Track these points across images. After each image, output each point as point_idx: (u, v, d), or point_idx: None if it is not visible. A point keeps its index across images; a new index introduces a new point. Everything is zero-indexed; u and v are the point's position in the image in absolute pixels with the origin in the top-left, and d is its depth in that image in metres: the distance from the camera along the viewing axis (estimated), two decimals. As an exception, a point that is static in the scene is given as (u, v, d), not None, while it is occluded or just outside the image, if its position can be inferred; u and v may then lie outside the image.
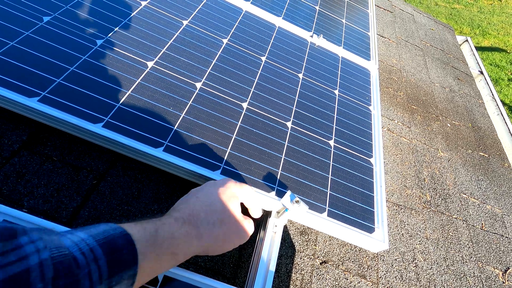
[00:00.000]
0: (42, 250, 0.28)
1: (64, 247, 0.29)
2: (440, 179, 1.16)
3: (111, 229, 0.34)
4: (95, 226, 0.35)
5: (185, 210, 0.44)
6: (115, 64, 0.72)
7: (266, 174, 0.67)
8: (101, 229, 0.34)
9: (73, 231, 0.33)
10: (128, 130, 0.62)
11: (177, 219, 0.41)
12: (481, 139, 1.46)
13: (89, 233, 0.33)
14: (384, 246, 0.66)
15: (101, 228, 0.34)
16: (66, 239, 0.31)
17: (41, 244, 0.28)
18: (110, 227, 0.34)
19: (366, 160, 0.82)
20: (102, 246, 0.32)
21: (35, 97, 0.59)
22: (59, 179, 0.68)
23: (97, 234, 0.33)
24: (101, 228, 0.34)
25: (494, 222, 1.12)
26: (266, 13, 1.12)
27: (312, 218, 0.64)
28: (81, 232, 0.33)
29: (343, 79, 1.03)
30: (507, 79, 5.18)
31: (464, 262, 0.95)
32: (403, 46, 1.78)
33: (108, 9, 0.84)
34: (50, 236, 0.30)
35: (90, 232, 0.33)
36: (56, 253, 0.28)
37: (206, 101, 0.75)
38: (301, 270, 0.74)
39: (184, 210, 0.44)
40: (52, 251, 0.28)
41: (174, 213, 0.43)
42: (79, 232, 0.33)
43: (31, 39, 0.68)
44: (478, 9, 7.21)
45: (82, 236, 0.32)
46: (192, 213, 0.43)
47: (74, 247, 0.30)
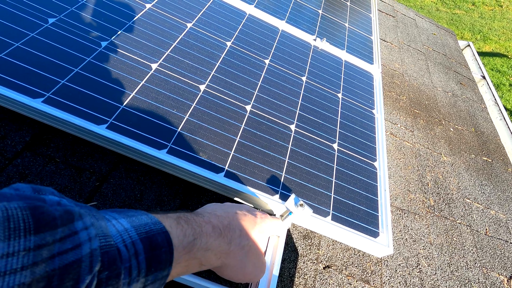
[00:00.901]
0: (93, 238, 0.27)
1: (110, 236, 0.29)
2: (443, 183, 1.16)
3: (152, 223, 0.33)
4: (136, 214, 0.34)
5: (223, 220, 0.42)
6: (119, 65, 0.72)
7: (269, 177, 0.66)
8: (143, 221, 0.33)
9: (116, 216, 0.32)
10: (132, 132, 0.62)
11: (215, 228, 0.40)
12: (484, 144, 1.45)
13: (132, 223, 0.32)
14: (389, 251, 0.65)
15: (143, 219, 0.33)
16: (111, 226, 0.30)
17: (93, 232, 0.27)
18: (151, 221, 0.34)
19: (370, 164, 0.81)
20: (143, 241, 0.31)
21: (39, 98, 0.59)
22: (61, 181, 0.68)
23: (139, 226, 0.32)
24: (143, 220, 0.33)
25: (498, 227, 1.11)
26: (270, 17, 1.12)
27: (316, 222, 0.63)
28: (124, 220, 0.32)
29: (346, 82, 1.03)
30: (508, 84, 5.18)
31: (468, 268, 0.94)
32: (406, 51, 1.79)
33: (112, 11, 0.84)
34: (99, 221, 0.29)
35: (133, 222, 0.32)
36: (104, 242, 0.28)
37: (210, 104, 0.75)
38: (304, 275, 0.73)
39: (222, 218, 0.42)
40: (101, 240, 0.27)
41: (213, 219, 0.41)
42: (122, 219, 0.32)
43: (36, 40, 0.68)
44: (479, 15, 7.24)
45: (125, 226, 0.31)
46: (228, 226, 0.42)
47: (118, 237, 0.30)
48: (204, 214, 0.41)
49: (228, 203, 0.49)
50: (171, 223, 0.35)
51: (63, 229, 0.25)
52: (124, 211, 0.34)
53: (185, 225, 0.37)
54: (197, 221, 0.39)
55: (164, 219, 0.35)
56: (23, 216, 0.23)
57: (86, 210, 0.28)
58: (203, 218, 0.40)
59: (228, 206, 0.47)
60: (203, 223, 0.39)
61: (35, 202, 0.25)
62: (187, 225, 0.37)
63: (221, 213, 0.44)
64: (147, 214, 0.35)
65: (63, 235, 0.25)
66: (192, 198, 0.75)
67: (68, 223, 0.26)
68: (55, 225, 0.24)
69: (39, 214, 0.24)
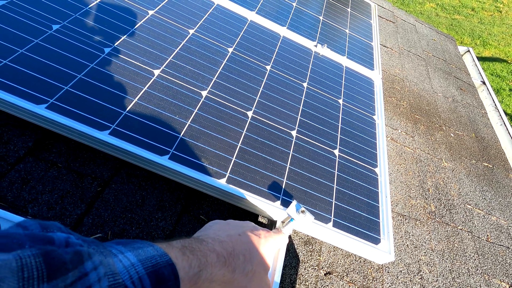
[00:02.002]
0: (102, 278, 0.27)
1: (118, 273, 0.29)
2: (444, 189, 1.16)
3: (158, 255, 0.34)
4: (142, 246, 0.34)
5: (227, 246, 0.42)
6: (122, 72, 0.73)
7: (271, 183, 0.67)
8: (149, 254, 0.33)
9: (122, 250, 0.32)
10: (134, 138, 0.62)
11: (219, 257, 0.40)
12: (485, 149, 1.45)
13: (138, 257, 0.32)
14: (390, 258, 0.65)
15: (149, 252, 0.33)
16: (118, 262, 0.31)
17: (101, 271, 0.28)
18: (157, 253, 0.34)
19: (371, 170, 0.81)
20: (150, 276, 0.31)
21: (43, 104, 0.59)
22: (63, 186, 0.68)
23: (145, 259, 0.32)
24: (149, 253, 0.33)
25: (499, 233, 1.11)
26: (271, 23, 1.13)
27: (318, 228, 0.64)
28: (131, 254, 0.32)
29: (347, 88, 1.04)
30: (508, 89, 5.19)
31: (470, 275, 0.93)
32: (406, 56, 1.80)
33: (115, 18, 0.85)
34: (107, 258, 0.29)
35: (139, 256, 0.32)
36: (112, 281, 0.28)
37: (212, 109, 0.75)
38: (305, 281, 0.73)
39: (226, 244, 0.42)
40: (109, 279, 0.28)
41: (217, 246, 0.41)
42: (128, 253, 0.32)
43: (40, 46, 0.68)
44: (479, 20, 7.28)
45: (132, 260, 0.31)
46: (232, 253, 0.42)
47: (125, 274, 0.30)
48: (208, 241, 0.41)
49: (231, 222, 0.49)
50: (176, 254, 0.36)
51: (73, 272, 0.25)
52: (130, 243, 0.34)
53: (191, 255, 0.37)
54: (202, 250, 0.39)
55: (169, 249, 0.36)
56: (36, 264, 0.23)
57: (94, 248, 0.29)
58: (207, 246, 0.40)
59: (231, 227, 0.47)
60: (208, 252, 0.39)
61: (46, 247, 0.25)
62: (192, 256, 0.37)
63: (225, 238, 0.43)
64: (153, 245, 0.35)
65: (73, 279, 0.25)
66: (193, 203, 0.75)
67: (78, 265, 0.26)
68: (67, 269, 0.25)
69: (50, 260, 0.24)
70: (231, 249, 0.42)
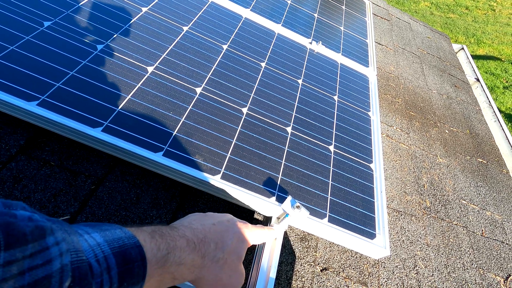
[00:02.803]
0: (65, 253, 0.27)
1: (82, 251, 0.29)
2: (439, 185, 1.16)
3: (126, 237, 0.34)
4: (110, 228, 0.34)
5: (198, 233, 0.42)
6: (115, 68, 0.72)
7: (266, 179, 0.66)
8: (116, 235, 0.33)
9: (89, 231, 0.32)
10: (127, 135, 0.61)
11: (189, 242, 0.40)
12: (479, 146, 1.46)
13: (105, 238, 0.32)
14: (386, 253, 0.65)
15: (117, 234, 0.33)
16: (83, 240, 0.30)
17: (64, 247, 0.27)
18: (125, 235, 0.34)
19: (366, 166, 0.82)
20: (116, 256, 0.31)
21: (34, 101, 0.59)
22: (56, 184, 0.67)
23: (112, 240, 0.32)
24: (117, 234, 0.33)
25: (494, 228, 1.11)
26: (266, 20, 1.13)
27: (313, 224, 0.63)
28: (97, 234, 0.32)
29: (342, 85, 1.04)
30: (502, 87, 5.24)
31: (465, 269, 0.94)
32: (401, 54, 1.80)
33: (108, 15, 0.84)
34: (71, 236, 0.29)
35: (106, 237, 0.32)
36: (75, 257, 0.28)
37: (206, 106, 0.75)
38: (302, 277, 0.73)
39: (198, 232, 0.42)
40: (72, 256, 0.28)
41: (187, 232, 0.41)
42: (95, 233, 0.32)
43: (31, 43, 0.68)
44: (473, 19, 7.34)
45: (98, 240, 0.31)
46: (203, 240, 0.42)
47: (90, 252, 0.30)
48: (179, 228, 0.42)
49: (210, 214, 0.49)
50: (145, 237, 0.35)
51: (33, 244, 0.25)
52: (98, 225, 0.34)
53: (159, 239, 0.37)
54: (172, 235, 0.39)
55: (139, 233, 0.36)
56: None
57: (58, 225, 0.28)
58: (178, 232, 0.40)
59: (208, 217, 0.47)
60: (177, 237, 0.39)
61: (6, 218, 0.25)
62: (161, 239, 0.37)
63: (197, 226, 0.43)
64: (121, 228, 0.35)
65: (33, 251, 0.25)
66: (188, 201, 0.75)
67: (39, 239, 0.26)
68: (26, 240, 0.25)
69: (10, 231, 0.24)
70: (202, 236, 0.42)
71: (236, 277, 0.46)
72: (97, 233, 0.32)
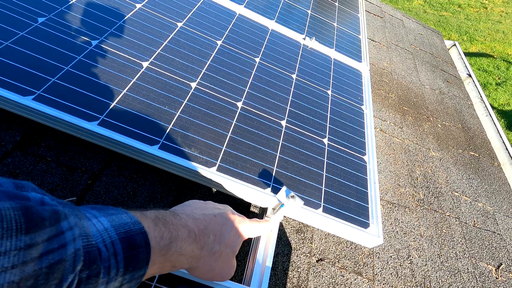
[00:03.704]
0: (77, 238, 0.28)
1: (91, 236, 0.30)
2: (432, 178, 1.18)
3: (132, 222, 0.34)
4: (116, 213, 0.34)
5: (200, 224, 0.43)
6: (110, 64, 0.72)
7: (261, 171, 0.67)
8: (122, 220, 0.34)
9: (97, 215, 0.33)
10: (123, 128, 0.62)
11: (190, 233, 0.41)
12: (471, 139, 1.49)
13: (112, 222, 0.32)
14: (379, 241, 0.67)
15: (123, 219, 0.34)
16: (92, 225, 0.31)
17: (76, 232, 0.28)
18: (131, 220, 0.34)
19: (359, 158, 0.83)
20: (122, 241, 0.32)
21: (30, 96, 0.59)
22: (53, 179, 0.67)
23: (118, 225, 0.33)
24: (123, 219, 0.34)
25: (485, 219, 1.14)
26: (259, 16, 1.14)
27: (308, 214, 0.65)
28: (105, 219, 0.32)
29: (335, 79, 1.05)
30: (494, 84, 5.31)
31: (458, 259, 0.96)
32: (394, 50, 1.83)
33: (103, 11, 0.84)
34: (81, 221, 0.30)
35: (113, 221, 0.33)
36: (86, 242, 0.29)
37: (201, 101, 0.75)
38: (298, 268, 0.74)
39: (199, 222, 0.43)
40: (83, 240, 0.28)
41: (189, 221, 0.42)
42: (102, 218, 0.32)
43: (26, 39, 0.68)
44: (465, 16, 7.42)
45: (105, 225, 0.32)
46: (204, 231, 0.43)
47: (99, 237, 0.30)
48: (182, 216, 0.42)
49: (210, 203, 0.50)
50: (149, 224, 0.36)
51: (51, 229, 0.26)
52: (104, 209, 0.34)
53: (163, 227, 0.37)
54: (175, 224, 0.39)
55: (143, 219, 0.36)
56: (15, 216, 0.24)
57: (69, 210, 0.29)
58: (181, 220, 0.41)
59: (209, 207, 0.48)
60: (180, 227, 0.40)
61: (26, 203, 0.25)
62: (164, 228, 0.37)
63: (199, 216, 0.44)
64: (127, 212, 0.35)
65: (50, 235, 0.26)
66: (185, 195, 0.76)
67: (55, 223, 0.26)
68: (44, 225, 0.25)
69: (30, 215, 0.25)
70: (203, 227, 0.43)
71: (227, 269, 0.47)
72: (104, 218, 0.32)
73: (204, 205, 0.48)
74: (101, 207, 0.34)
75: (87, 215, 0.32)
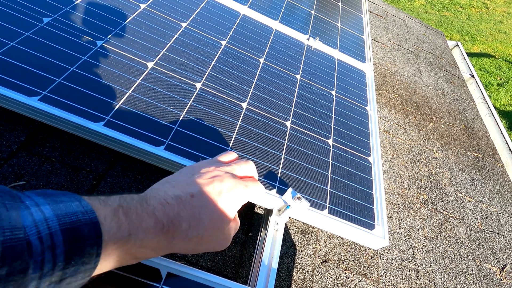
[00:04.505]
0: None
1: (20, 227, 0.26)
2: (436, 178, 1.18)
3: (82, 211, 0.30)
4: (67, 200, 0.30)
5: (171, 210, 0.37)
6: (115, 64, 0.72)
7: (267, 172, 0.67)
8: (71, 209, 0.30)
9: (40, 202, 0.29)
10: (129, 129, 0.62)
11: (157, 223, 0.36)
12: (475, 140, 1.48)
13: (56, 211, 0.29)
14: (385, 243, 0.66)
15: (72, 207, 0.30)
16: (27, 215, 0.27)
17: None
18: (82, 209, 0.30)
19: (364, 159, 0.83)
20: (64, 233, 0.28)
21: (35, 96, 0.59)
22: (58, 180, 0.67)
23: (64, 215, 0.29)
24: (72, 208, 0.30)
25: (490, 220, 1.13)
26: (263, 17, 1.14)
27: (313, 215, 0.64)
28: (48, 207, 0.29)
29: (339, 80, 1.05)
30: (496, 84, 5.30)
31: (462, 260, 0.96)
32: (396, 50, 1.82)
33: (107, 12, 0.84)
34: (10, 211, 0.26)
35: (58, 210, 0.29)
36: (8, 236, 0.25)
37: (206, 101, 0.75)
38: (302, 269, 0.74)
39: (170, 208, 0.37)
40: (5, 234, 0.25)
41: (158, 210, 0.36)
42: (45, 206, 0.29)
43: (31, 39, 0.68)
44: (467, 17, 7.41)
45: (47, 214, 0.28)
46: (174, 220, 0.37)
47: (33, 228, 0.27)
48: (150, 203, 0.37)
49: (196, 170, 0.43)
50: (106, 213, 0.32)
51: None
52: (53, 195, 0.30)
53: (123, 217, 0.33)
54: (138, 214, 0.35)
55: (101, 207, 0.32)
56: None
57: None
58: (148, 208, 0.36)
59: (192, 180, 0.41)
60: (145, 216, 0.35)
61: None
62: (124, 217, 0.33)
63: (172, 201, 0.38)
64: (80, 200, 0.31)
65: None
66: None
67: None
68: None
69: None
70: (173, 214, 0.37)
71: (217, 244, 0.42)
72: (48, 206, 0.29)
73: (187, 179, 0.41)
74: (52, 193, 0.31)
75: (27, 202, 0.28)
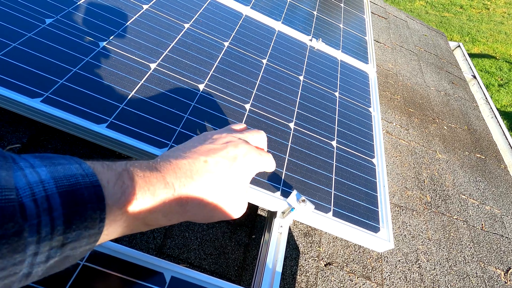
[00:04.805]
0: None
1: (12, 188, 0.24)
2: (439, 180, 1.17)
3: (82, 174, 0.28)
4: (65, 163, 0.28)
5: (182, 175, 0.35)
6: (117, 65, 0.72)
7: (270, 174, 0.67)
8: (69, 172, 0.28)
9: (35, 164, 0.27)
10: (132, 131, 0.61)
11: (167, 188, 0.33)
12: (477, 141, 1.48)
13: (53, 174, 0.27)
14: (390, 246, 0.66)
15: (71, 170, 0.28)
16: (21, 176, 0.25)
17: None
18: (82, 172, 0.28)
19: (368, 161, 0.82)
20: (62, 195, 0.26)
21: (38, 98, 0.58)
22: (60, 182, 0.67)
23: (62, 177, 0.27)
24: (71, 171, 0.28)
25: (493, 222, 1.13)
26: (266, 18, 1.13)
27: (318, 218, 0.64)
28: (45, 169, 0.27)
29: (342, 81, 1.05)
30: (497, 85, 5.30)
31: (466, 263, 0.95)
32: (398, 51, 1.82)
33: (110, 12, 0.84)
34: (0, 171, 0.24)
35: (55, 172, 0.27)
36: None
37: (210, 103, 0.75)
38: (306, 272, 0.73)
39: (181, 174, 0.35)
40: None
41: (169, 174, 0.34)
42: (42, 168, 0.27)
43: (33, 40, 0.67)
44: (467, 17, 7.40)
45: (43, 177, 0.26)
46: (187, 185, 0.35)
47: (27, 190, 0.25)
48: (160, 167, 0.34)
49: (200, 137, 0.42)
50: (110, 177, 0.30)
51: None
52: (51, 158, 0.28)
53: (128, 181, 0.31)
54: (147, 178, 0.32)
55: (105, 171, 0.30)
56: None
57: None
58: (157, 173, 0.33)
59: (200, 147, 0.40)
60: (154, 181, 0.33)
61: None
62: (130, 182, 0.31)
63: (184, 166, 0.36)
64: (81, 163, 0.29)
65: None
66: (192, 197, 0.75)
67: None
68: None
69: None
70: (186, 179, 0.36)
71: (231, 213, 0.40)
72: (44, 168, 0.27)
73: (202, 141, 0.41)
74: (49, 156, 0.29)
75: (21, 164, 0.26)
